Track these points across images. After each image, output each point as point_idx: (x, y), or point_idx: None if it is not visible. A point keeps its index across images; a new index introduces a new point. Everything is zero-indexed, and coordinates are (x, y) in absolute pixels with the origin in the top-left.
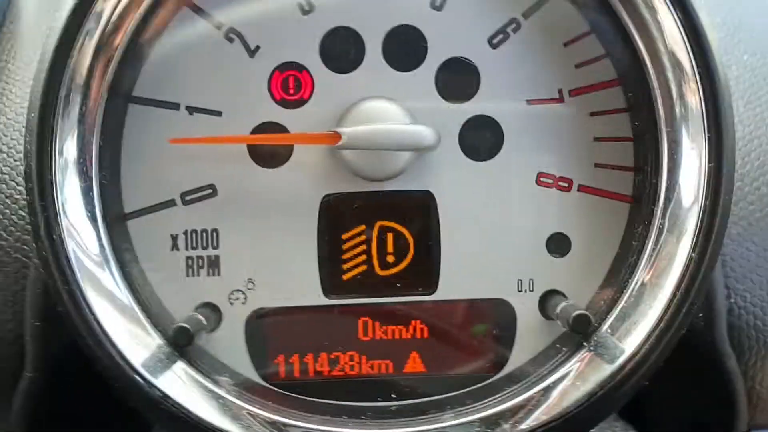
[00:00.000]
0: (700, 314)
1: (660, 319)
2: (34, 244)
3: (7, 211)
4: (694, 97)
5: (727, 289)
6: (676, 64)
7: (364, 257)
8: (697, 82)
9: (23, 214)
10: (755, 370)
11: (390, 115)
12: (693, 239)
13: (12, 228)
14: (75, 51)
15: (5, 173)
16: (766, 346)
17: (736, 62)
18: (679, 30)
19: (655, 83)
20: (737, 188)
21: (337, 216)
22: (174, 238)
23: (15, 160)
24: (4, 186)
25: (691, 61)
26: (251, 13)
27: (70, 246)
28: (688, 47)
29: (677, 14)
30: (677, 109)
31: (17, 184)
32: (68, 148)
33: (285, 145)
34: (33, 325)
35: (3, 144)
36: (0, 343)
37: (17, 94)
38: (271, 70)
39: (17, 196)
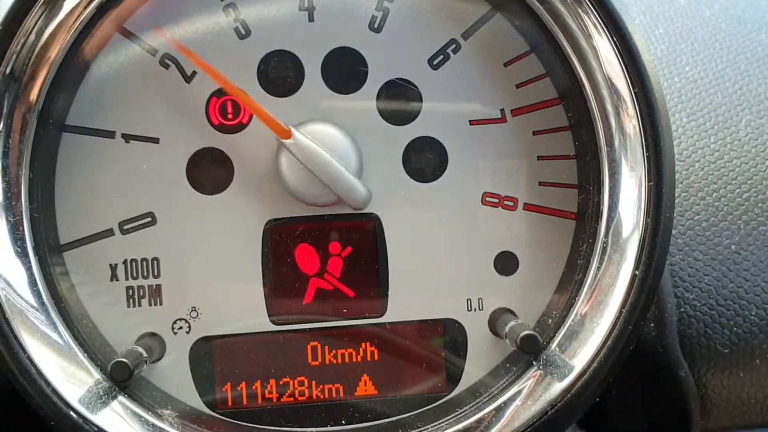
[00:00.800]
0: (652, 324)
1: (607, 337)
2: None
3: None
4: (631, 120)
5: (676, 298)
6: (613, 87)
7: (310, 282)
8: (634, 105)
9: None
10: (707, 377)
11: (333, 141)
12: (636, 257)
13: None
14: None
15: None
16: (716, 353)
17: (678, 74)
18: (615, 55)
19: (593, 104)
20: (683, 199)
21: (282, 241)
22: (113, 267)
23: None
24: None
25: (627, 85)
26: (186, 39)
27: None
28: (625, 71)
29: (613, 40)
30: (615, 130)
31: None
32: None
33: (225, 170)
34: None
35: None
36: None
37: None
38: (208, 96)
39: None
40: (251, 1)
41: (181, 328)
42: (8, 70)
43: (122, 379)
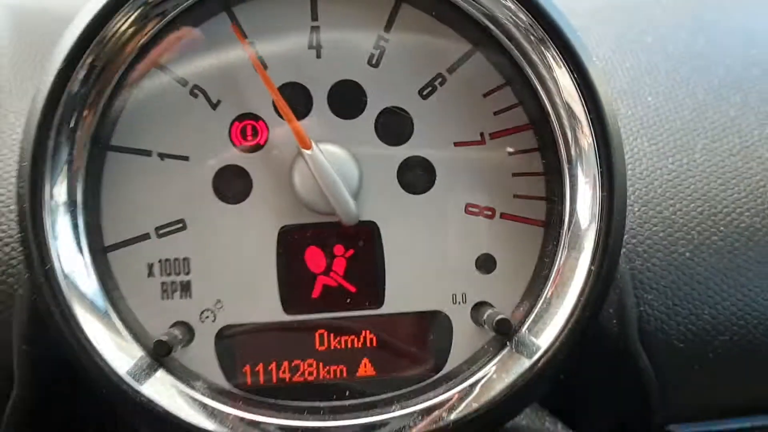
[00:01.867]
0: (615, 321)
1: (568, 320)
2: (27, 274)
3: None
4: (586, 141)
5: (636, 298)
6: (571, 112)
7: (317, 279)
8: (589, 127)
9: (8, 249)
10: (665, 368)
11: (340, 161)
12: (592, 255)
13: None
14: (60, 108)
15: None
16: (672, 347)
17: (641, 103)
18: (573, 84)
19: (556, 128)
20: (643, 212)
21: (294, 244)
22: (150, 266)
23: None
24: None
25: (583, 110)
26: (213, 72)
27: (61, 274)
28: (581, 98)
29: (570, 71)
30: (573, 150)
31: (1, 224)
32: (57, 192)
33: (245, 183)
34: (20, 348)
35: None
36: None
37: None
38: (231, 120)
39: (1, 235)
40: (268, 41)
41: (207, 317)
42: (73, 104)
43: (162, 354)
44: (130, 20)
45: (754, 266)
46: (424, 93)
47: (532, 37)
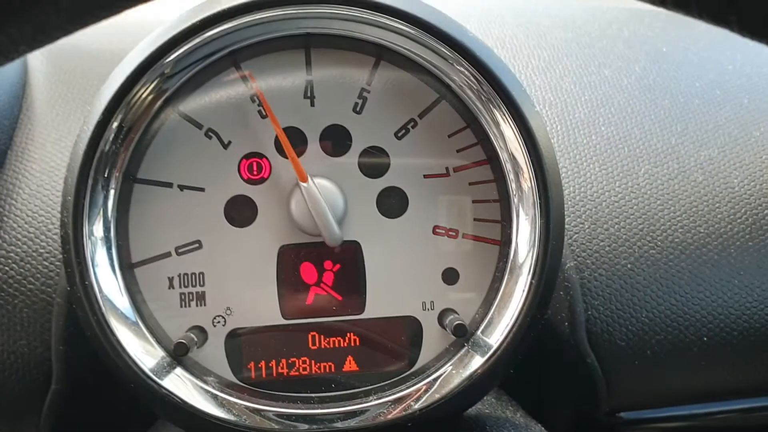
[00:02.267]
0: (566, 323)
1: (513, 325)
2: (68, 288)
3: (34, 262)
4: (527, 181)
5: (585, 303)
6: (515, 159)
7: (310, 289)
8: (529, 171)
9: (47, 264)
10: (610, 365)
11: (329, 193)
12: (530, 270)
13: (38, 275)
14: (98, 153)
15: (31, 233)
16: (616, 345)
17: (596, 133)
18: (516, 138)
19: (505, 167)
20: (592, 229)
21: (291, 260)
22: (170, 279)
23: (38, 222)
24: (30, 243)
25: (524, 157)
26: (224, 118)
27: (96, 288)
28: (522, 148)
29: (514, 127)
30: (515, 187)
31: (41, 242)
32: (95, 223)
33: (251, 210)
34: (58, 349)
35: (29, 210)
36: (33, 363)
37: (37, 170)
38: (240, 158)
39: (42, 251)
40: (270, 92)
41: (219, 322)
42: (109, 149)
43: (181, 354)
44: (149, 88)
45: (686, 276)
46: (399, 134)
47: (482, 97)
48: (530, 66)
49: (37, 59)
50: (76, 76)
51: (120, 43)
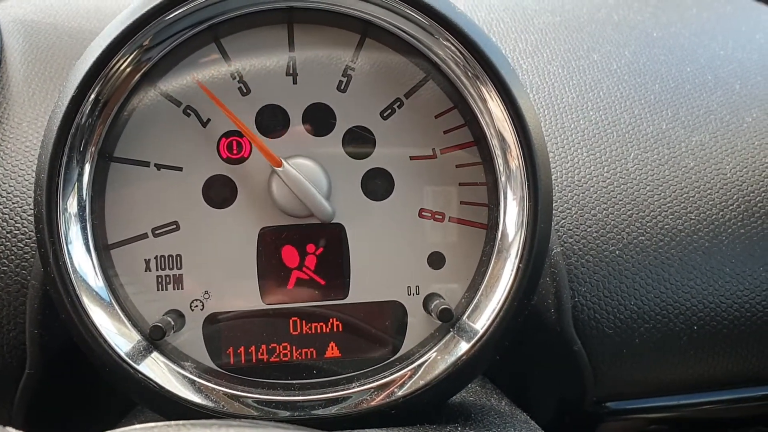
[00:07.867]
0: (552, 310)
1: (499, 310)
2: (42, 269)
3: (8, 243)
4: (515, 160)
5: (571, 290)
6: (502, 137)
7: (292, 273)
8: (517, 150)
9: (21, 245)
10: (596, 353)
11: (310, 171)
12: (518, 254)
13: (12, 257)
14: (74, 127)
15: (5, 214)
16: (603, 333)
17: (584, 118)
18: (504, 116)
19: (493, 148)
20: (579, 215)
21: (271, 243)
22: (147, 261)
23: (12, 203)
24: (5, 224)
25: (512, 136)
26: (203, 95)
27: (71, 270)
28: (510, 127)
29: (502, 104)
30: (504, 167)
31: (15, 223)
32: (69, 200)
33: (230, 191)
34: (32, 332)
35: (3, 190)
36: (6, 348)
37: (12, 149)
38: (219, 136)
39: (16, 232)
40: (250, 70)
41: (197, 306)
42: (85, 122)
43: (157, 338)
44: (127, 60)
45: (675, 263)
46: (385, 114)
47: (469, 73)
48: (517, 49)
49: (13, 37)
50: (54, 54)
51: (98, 22)
